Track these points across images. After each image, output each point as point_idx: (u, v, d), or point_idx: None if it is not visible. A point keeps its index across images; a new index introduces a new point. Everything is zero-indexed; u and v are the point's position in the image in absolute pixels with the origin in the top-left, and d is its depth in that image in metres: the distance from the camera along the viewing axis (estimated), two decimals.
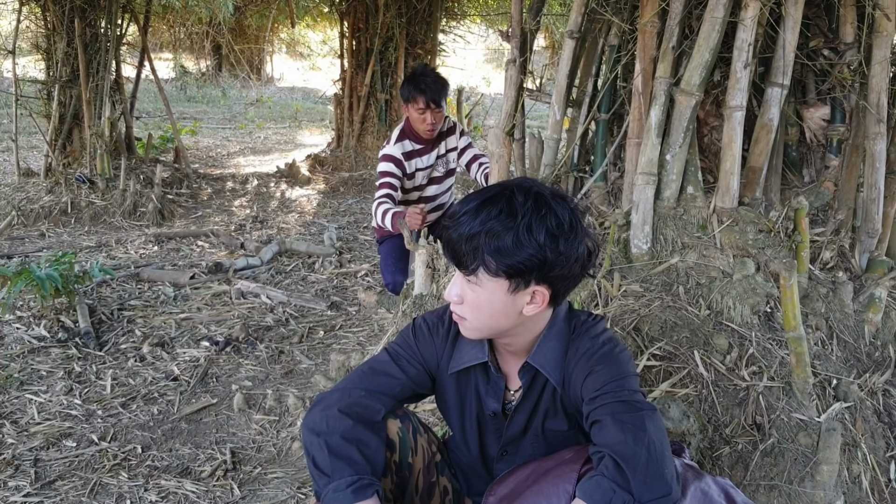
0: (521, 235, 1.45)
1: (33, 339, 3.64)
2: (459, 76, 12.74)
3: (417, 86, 3.68)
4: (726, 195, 2.64)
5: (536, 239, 1.45)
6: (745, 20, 2.54)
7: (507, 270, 1.47)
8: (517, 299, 1.52)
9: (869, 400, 2.35)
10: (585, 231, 1.53)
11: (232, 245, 5.48)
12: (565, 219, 1.48)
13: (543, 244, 1.45)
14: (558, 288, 1.53)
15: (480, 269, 1.49)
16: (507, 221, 1.46)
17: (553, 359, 1.61)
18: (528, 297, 1.52)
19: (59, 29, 6.78)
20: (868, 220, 2.79)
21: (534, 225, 1.45)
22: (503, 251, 1.45)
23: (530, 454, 1.70)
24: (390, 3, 7.90)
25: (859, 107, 2.75)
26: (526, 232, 1.45)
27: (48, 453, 2.74)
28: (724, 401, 2.21)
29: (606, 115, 2.99)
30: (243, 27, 18.41)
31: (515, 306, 1.53)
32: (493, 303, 1.52)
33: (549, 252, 1.46)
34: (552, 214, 1.47)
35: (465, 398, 1.74)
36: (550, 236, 1.46)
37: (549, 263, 1.47)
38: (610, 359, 1.56)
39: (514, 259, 1.46)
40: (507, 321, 1.56)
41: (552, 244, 1.46)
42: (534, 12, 3.23)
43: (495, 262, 1.47)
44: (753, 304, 2.41)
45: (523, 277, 1.48)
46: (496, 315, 1.54)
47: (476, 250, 1.48)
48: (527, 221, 1.45)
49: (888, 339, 2.60)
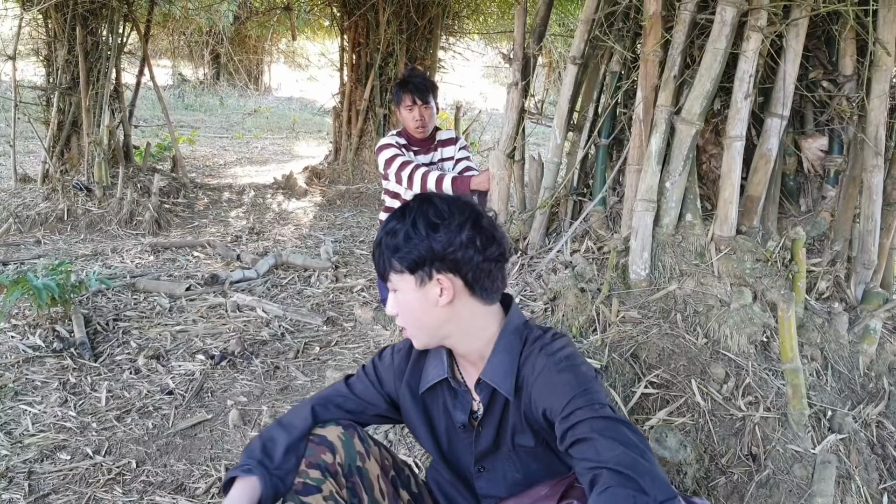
0: (409, 230, 1.61)
1: (28, 348, 3.63)
2: (458, 92, 12.78)
3: (405, 85, 3.86)
4: (725, 224, 2.66)
5: (419, 231, 1.60)
6: (747, 52, 2.57)
7: (408, 266, 1.62)
8: (428, 293, 1.63)
9: (863, 431, 2.36)
10: (473, 218, 1.63)
11: (228, 256, 5.48)
12: (444, 209, 1.62)
13: (427, 234, 1.59)
14: (465, 275, 1.63)
15: (391, 273, 1.66)
16: (399, 223, 1.63)
17: (502, 371, 1.67)
18: (437, 289, 1.63)
19: (60, 36, 6.79)
20: (864, 252, 2.82)
21: (417, 219, 1.61)
22: (398, 248, 1.62)
23: (507, 471, 1.73)
24: (391, 20, 7.94)
25: (857, 139, 2.79)
26: (411, 227, 1.61)
27: (42, 466, 2.73)
28: (720, 430, 2.22)
29: (607, 140, 3.02)
30: (243, 37, 18.49)
31: (429, 300, 1.64)
32: (411, 302, 1.66)
33: (433, 241, 1.59)
34: (432, 207, 1.62)
35: (435, 415, 1.81)
36: (431, 226, 1.60)
37: (438, 251, 1.60)
38: (573, 375, 1.59)
39: (406, 252, 1.61)
40: (433, 318, 1.66)
41: (434, 232, 1.60)
42: (536, 37, 3.26)
43: (396, 260, 1.63)
44: (750, 334, 2.43)
45: (423, 269, 1.62)
46: (419, 314, 1.67)
47: (382, 255, 1.66)
48: (412, 218, 1.62)
49: (882, 370, 2.62)
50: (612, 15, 2.95)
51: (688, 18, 2.64)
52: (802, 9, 2.56)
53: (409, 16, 8.00)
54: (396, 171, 3.74)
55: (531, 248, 3.05)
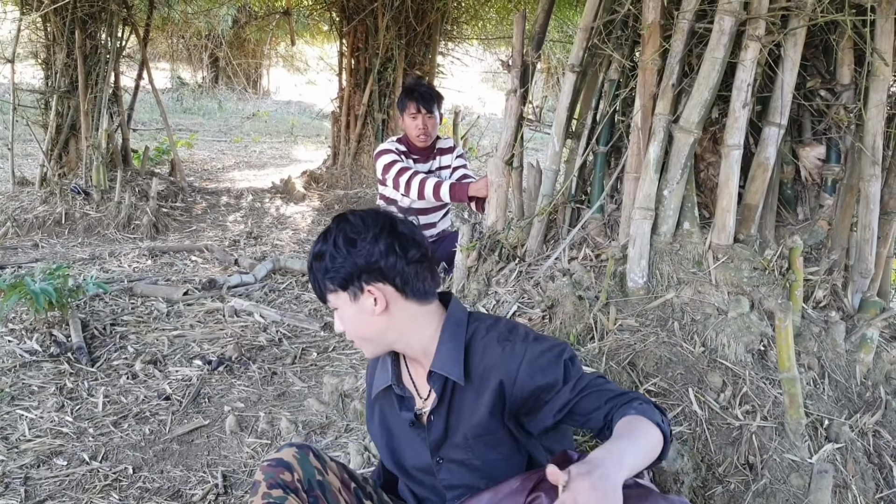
0: (331, 250, 1.68)
1: (25, 352, 3.62)
2: (456, 97, 12.79)
3: (410, 93, 3.90)
4: (722, 232, 2.67)
5: (341, 249, 1.67)
6: (745, 61, 2.58)
7: (339, 284, 1.70)
8: (363, 305, 1.71)
9: (860, 441, 2.37)
10: (388, 226, 1.70)
11: (226, 261, 5.48)
12: (358, 224, 1.69)
13: (348, 251, 1.67)
14: (394, 281, 1.69)
15: (327, 294, 1.74)
16: (323, 245, 1.71)
17: (450, 359, 1.73)
18: (371, 299, 1.70)
19: (59, 40, 6.79)
20: (861, 261, 2.82)
21: (337, 239, 1.68)
22: (327, 270, 1.69)
23: (465, 459, 1.78)
24: (390, 25, 7.95)
25: (855, 148, 2.79)
26: (333, 247, 1.68)
27: (38, 471, 2.73)
28: (717, 440, 2.22)
29: (605, 148, 3.02)
30: (242, 40, 18.50)
31: (365, 311, 1.71)
32: (351, 317, 1.74)
33: (355, 256, 1.67)
34: (348, 224, 1.70)
35: (389, 417, 1.90)
36: (349, 242, 1.67)
37: (362, 265, 1.67)
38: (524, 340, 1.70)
39: (334, 272, 1.69)
40: (374, 327, 1.74)
41: (353, 248, 1.67)
42: (535, 44, 3.27)
43: (328, 281, 1.71)
44: (748, 343, 2.43)
45: (353, 284, 1.69)
46: (360, 326, 1.75)
47: (315, 279, 1.74)
48: (332, 238, 1.69)
49: (879, 379, 2.63)
50: (611, 23, 2.96)
51: (686, 27, 2.65)
52: (800, 18, 2.56)
53: (408, 21, 8.01)
54: (394, 177, 3.74)
55: (529, 255, 3.06)
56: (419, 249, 1.72)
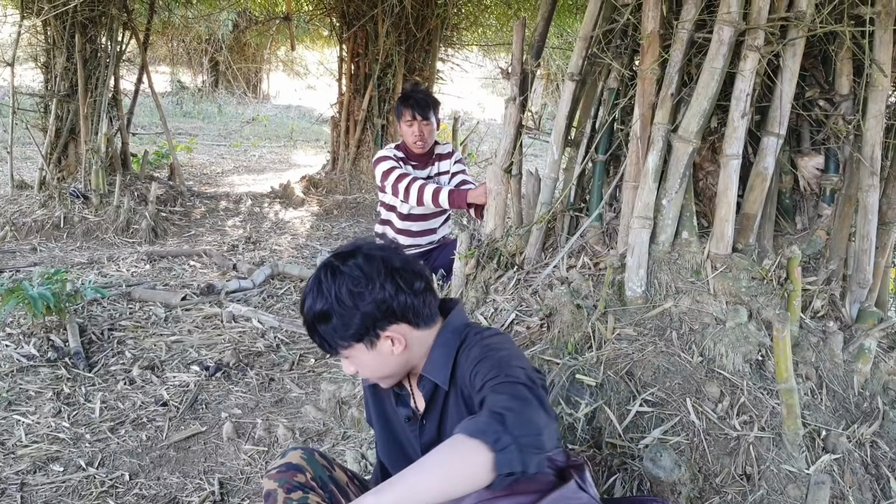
0: (337, 308, 1.62)
1: (22, 357, 3.62)
2: (456, 103, 12.81)
3: (406, 100, 3.92)
4: (721, 242, 2.67)
5: (347, 305, 1.62)
6: (744, 71, 2.58)
7: (354, 339, 1.66)
8: (381, 349, 1.68)
9: (857, 451, 2.37)
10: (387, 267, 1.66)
11: (224, 266, 5.47)
12: (358, 274, 1.63)
13: (356, 305, 1.62)
14: (407, 318, 1.67)
15: (339, 349, 1.69)
16: (322, 302, 1.63)
17: (439, 364, 1.72)
18: (388, 342, 1.67)
19: (59, 44, 6.79)
20: (859, 271, 2.82)
21: (340, 294, 1.62)
22: (336, 329, 1.64)
23: None
24: (390, 31, 7.97)
25: (853, 158, 2.80)
26: (337, 303, 1.62)
27: (35, 477, 2.72)
28: (714, 450, 2.22)
29: (604, 156, 3.02)
30: (242, 45, 18.53)
31: (384, 354, 1.69)
32: (368, 362, 1.70)
33: (365, 308, 1.62)
34: (345, 277, 1.63)
35: (388, 408, 1.92)
36: (355, 295, 1.62)
37: (374, 314, 1.64)
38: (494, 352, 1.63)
39: (345, 330, 1.64)
40: (393, 365, 1.72)
41: (361, 301, 1.62)
42: (535, 52, 3.27)
43: (339, 339, 1.66)
44: (745, 353, 2.43)
45: (368, 335, 1.65)
46: (381, 367, 1.72)
47: (323, 339, 1.69)
48: (334, 295, 1.62)
49: (876, 389, 2.63)
50: (611, 32, 2.96)
51: (685, 37, 2.65)
52: (799, 29, 2.57)
53: (407, 27, 8.03)
54: (393, 184, 3.74)
55: (527, 263, 3.06)
56: (421, 279, 1.71)
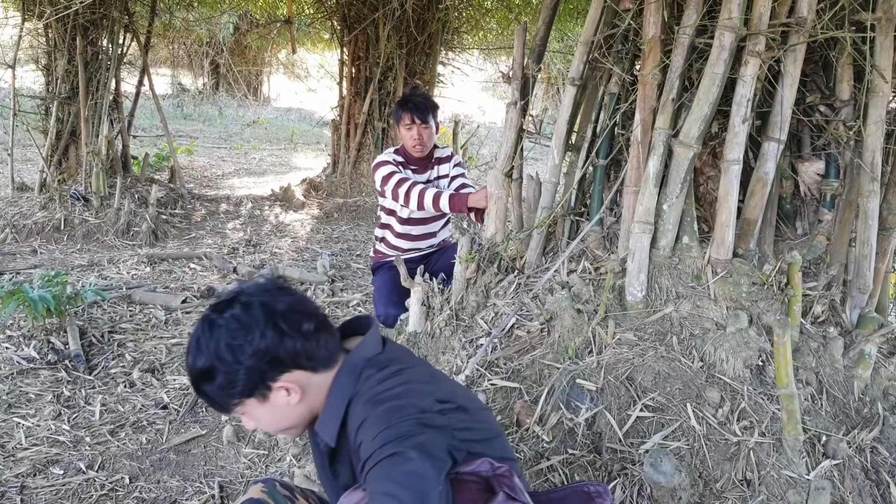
0: (219, 366, 1.49)
1: (22, 359, 3.62)
2: (456, 106, 12.82)
3: (405, 104, 3.90)
4: (721, 247, 2.67)
5: (228, 360, 1.49)
6: (745, 76, 2.59)
7: (243, 394, 1.53)
8: (276, 401, 1.56)
9: (857, 457, 2.36)
10: (266, 313, 1.52)
11: (225, 269, 5.48)
12: (234, 326, 1.50)
13: (237, 359, 1.49)
14: (299, 364, 1.55)
15: (231, 408, 1.57)
16: (203, 360, 1.50)
17: (328, 419, 1.59)
18: (283, 393, 1.55)
19: (60, 46, 6.81)
20: (860, 276, 2.82)
21: (219, 349, 1.49)
22: (223, 387, 1.52)
23: None
24: (391, 34, 7.98)
25: (854, 164, 2.80)
26: (218, 360, 1.49)
27: (35, 480, 2.72)
28: (714, 455, 2.22)
29: (604, 161, 3.02)
30: (243, 47, 18.55)
31: (280, 406, 1.57)
32: (265, 416, 1.59)
33: (247, 361, 1.50)
34: (222, 330, 1.50)
35: (314, 454, 1.81)
36: (235, 349, 1.49)
37: (259, 366, 1.51)
38: (375, 410, 1.48)
39: (232, 387, 1.51)
40: (294, 415, 1.60)
41: (241, 354, 1.49)
42: (536, 56, 3.28)
43: (228, 397, 1.54)
44: (746, 358, 2.43)
45: (258, 388, 1.53)
46: (279, 420, 1.61)
47: (212, 399, 1.56)
48: (213, 351, 1.49)
49: (876, 395, 2.63)
50: (612, 37, 2.96)
51: (686, 42, 2.66)
52: (800, 35, 2.57)
53: (408, 31, 8.04)
54: (393, 189, 3.74)
55: (528, 267, 3.06)
56: (310, 319, 1.57)
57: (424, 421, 1.45)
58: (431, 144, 3.98)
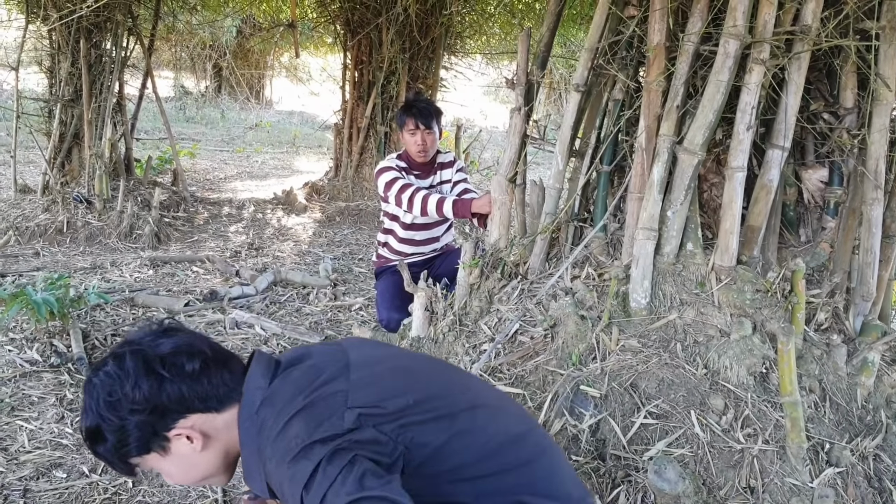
0: (104, 425, 1.42)
1: (25, 362, 3.62)
2: (458, 111, 12.84)
3: (408, 109, 3.90)
4: (725, 254, 2.67)
5: (110, 419, 1.41)
6: (750, 84, 2.59)
7: (140, 451, 1.44)
8: (179, 451, 1.46)
9: (860, 465, 2.36)
10: (140, 361, 1.42)
11: (227, 272, 5.48)
12: (105, 380, 1.42)
13: (119, 416, 1.40)
14: (192, 407, 1.44)
15: (134, 465, 1.48)
16: (90, 423, 1.43)
17: (252, 472, 1.46)
18: (183, 441, 1.45)
19: (64, 49, 6.82)
20: (863, 284, 2.83)
21: (100, 410, 1.41)
22: (118, 447, 1.43)
23: None
24: (394, 39, 7.99)
25: (857, 171, 2.80)
26: (103, 421, 1.41)
27: (38, 483, 2.72)
28: (718, 462, 2.22)
29: (608, 167, 3.03)
30: (245, 50, 18.59)
31: (186, 455, 1.47)
32: (173, 469, 1.49)
33: (133, 416, 1.41)
34: (97, 388, 1.42)
35: None
36: (113, 405, 1.41)
37: (148, 419, 1.42)
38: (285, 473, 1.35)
39: (125, 445, 1.42)
40: (208, 464, 1.50)
41: (119, 410, 1.40)
42: (540, 63, 3.28)
43: (127, 455, 1.45)
44: (750, 365, 2.44)
45: (154, 441, 1.44)
46: (192, 470, 1.51)
47: (111, 462, 1.48)
48: (94, 411, 1.42)
49: (880, 403, 2.63)
50: (616, 44, 2.97)
51: (691, 50, 2.66)
52: (805, 43, 2.58)
53: (411, 35, 8.05)
54: (396, 194, 3.75)
55: (531, 273, 3.06)
56: (196, 357, 1.46)
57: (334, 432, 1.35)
58: (434, 150, 3.98)
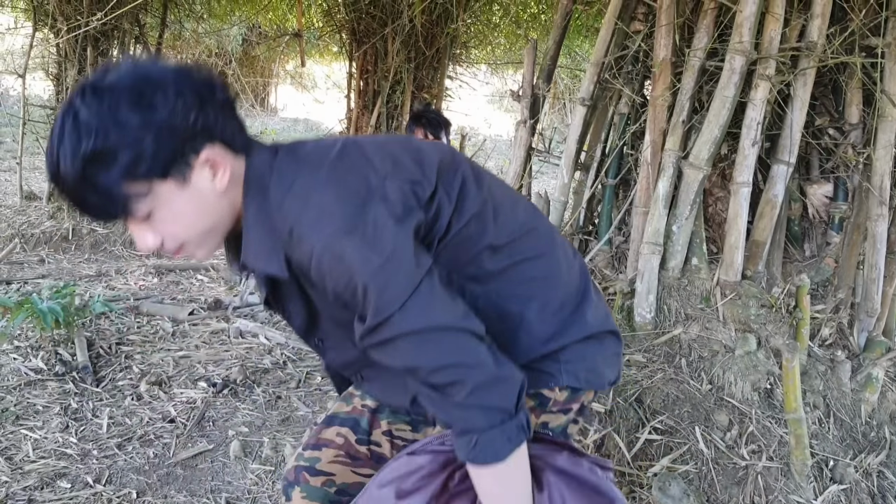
0: (122, 138, 1.10)
1: (30, 371, 3.63)
2: (463, 120, 12.86)
3: (418, 119, 3.94)
4: (730, 269, 2.68)
5: (134, 124, 1.10)
6: (755, 100, 2.60)
7: (161, 172, 1.14)
8: (200, 184, 1.17)
9: (864, 482, 2.36)
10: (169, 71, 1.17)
11: (232, 281, 5.48)
12: (128, 82, 1.13)
13: (148, 120, 1.11)
14: (223, 134, 1.20)
15: (133, 203, 1.15)
16: (96, 141, 1.10)
17: (264, 251, 1.22)
18: (208, 171, 1.18)
19: (70, 56, 6.84)
20: (867, 300, 2.83)
21: (118, 115, 1.10)
22: (130, 168, 1.11)
23: (344, 339, 1.35)
24: (400, 49, 8.02)
25: (862, 187, 2.81)
26: (120, 130, 1.10)
27: (42, 494, 2.72)
28: (723, 479, 2.22)
29: (614, 180, 3.04)
30: (251, 58, 18.65)
31: (203, 193, 1.18)
32: (184, 209, 1.18)
33: (164, 116, 1.12)
34: (115, 91, 1.12)
35: None
36: (145, 107, 1.11)
37: (180, 125, 1.13)
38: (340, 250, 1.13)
39: (143, 164, 1.12)
40: (217, 212, 1.22)
41: (152, 112, 1.11)
42: (546, 75, 3.30)
43: (135, 180, 1.13)
44: (754, 381, 2.44)
45: (177, 162, 1.14)
46: (202, 216, 1.21)
47: (107, 199, 1.14)
48: (110, 121, 1.10)
49: (884, 419, 2.63)
50: (622, 58, 2.99)
51: (697, 65, 2.68)
52: (810, 59, 2.59)
53: (417, 45, 8.07)
54: None
55: None
56: (219, 87, 1.23)
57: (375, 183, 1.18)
58: None
